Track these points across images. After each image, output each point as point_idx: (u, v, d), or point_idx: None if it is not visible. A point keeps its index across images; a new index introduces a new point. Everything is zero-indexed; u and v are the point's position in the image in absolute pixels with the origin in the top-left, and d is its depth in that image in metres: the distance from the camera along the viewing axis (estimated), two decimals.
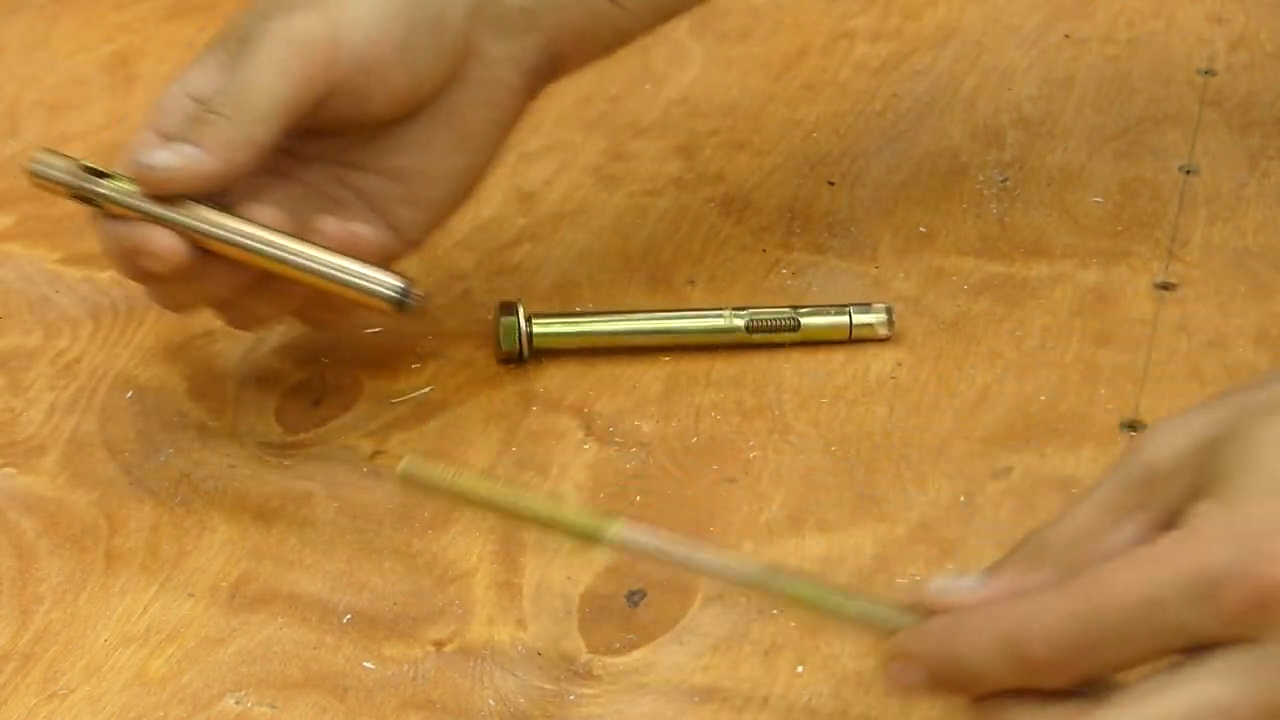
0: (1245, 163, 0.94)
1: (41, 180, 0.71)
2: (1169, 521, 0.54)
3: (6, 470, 0.74)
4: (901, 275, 0.85)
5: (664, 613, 0.67)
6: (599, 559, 0.70)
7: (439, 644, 0.66)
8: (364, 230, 0.74)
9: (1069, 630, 0.53)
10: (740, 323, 0.80)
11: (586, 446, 0.75)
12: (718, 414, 0.77)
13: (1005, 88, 1.01)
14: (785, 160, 0.95)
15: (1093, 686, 0.54)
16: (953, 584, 0.58)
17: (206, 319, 0.83)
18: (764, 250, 0.88)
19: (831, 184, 0.93)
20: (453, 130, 0.76)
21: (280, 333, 0.82)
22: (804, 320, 0.80)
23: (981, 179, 0.93)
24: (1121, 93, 1.01)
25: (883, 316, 0.80)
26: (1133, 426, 0.75)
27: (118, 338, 0.82)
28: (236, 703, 0.64)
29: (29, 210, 0.91)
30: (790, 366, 0.79)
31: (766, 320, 0.80)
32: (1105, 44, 1.06)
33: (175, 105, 0.73)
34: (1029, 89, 1.01)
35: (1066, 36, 1.06)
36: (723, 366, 0.80)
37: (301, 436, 0.76)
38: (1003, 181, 0.93)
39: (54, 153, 0.71)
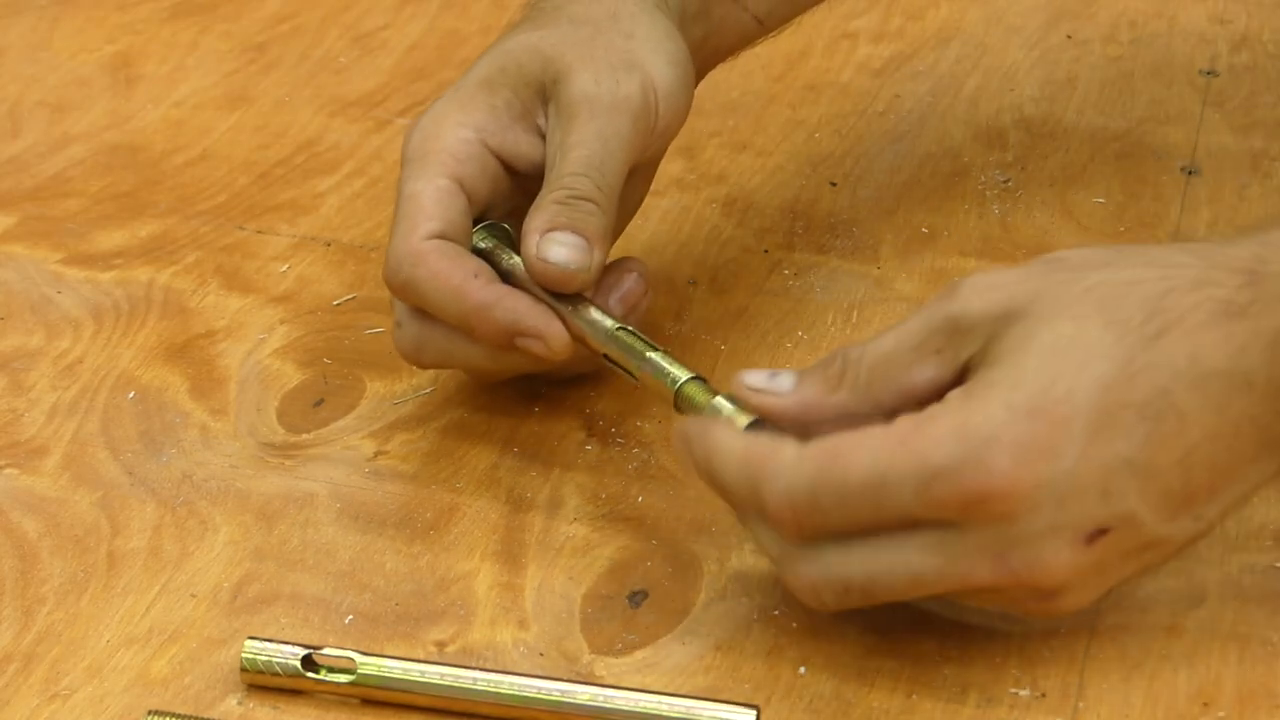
0: (1247, 164, 0.94)
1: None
2: (964, 367, 0.60)
3: (9, 471, 0.74)
4: (904, 276, 0.85)
5: (666, 613, 0.67)
6: (602, 560, 0.70)
7: (441, 644, 0.66)
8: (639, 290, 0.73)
9: (801, 492, 0.59)
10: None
11: (589, 447, 0.75)
12: None
13: (1008, 88, 1.01)
14: (787, 161, 0.95)
15: None
16: (766, 382, 0.63)
17: (208, 319, 0.83)
18: (766, 251, 0.88)
19: (834, 185, 0.93)
20: (652, 162, 0.77)
21: (282, 334, 0.82)
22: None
23: (984, 179, 0.93)
24: (1124, 93, 1.01)
25: None
26: None
27: (119, 338, 0.82)
28: (239, 703, 0.64)
29: (31, 211, 0.91)
30: (792, 366, 0.79)
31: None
32: (1107, 45, 1.06)
33: (472, 154, 0.72)
34: (1031, 89, 1.01)
35: (1069, 37, 1.06)
36: (723, 366, 0.80)
37: (304, 437, 0.76)
38: (1005, 182, 0.93)
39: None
